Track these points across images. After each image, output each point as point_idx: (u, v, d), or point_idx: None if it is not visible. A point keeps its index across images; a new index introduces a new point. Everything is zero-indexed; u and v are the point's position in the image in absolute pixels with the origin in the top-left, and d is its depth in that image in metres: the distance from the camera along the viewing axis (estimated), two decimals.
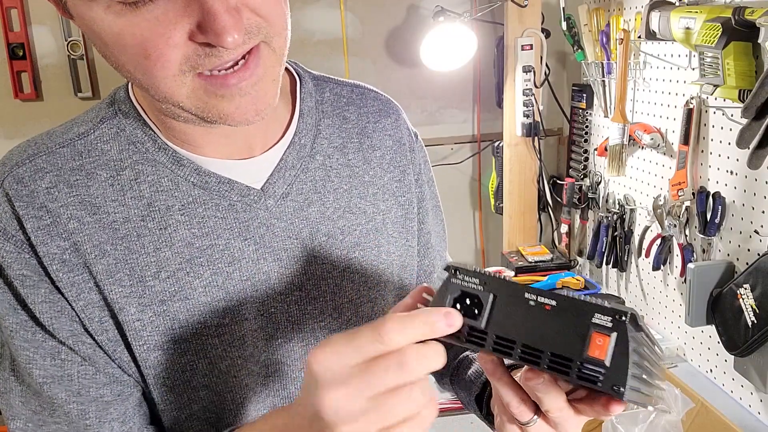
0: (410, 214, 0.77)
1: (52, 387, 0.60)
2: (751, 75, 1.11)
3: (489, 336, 0.47)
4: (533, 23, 1.84)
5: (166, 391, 0.64)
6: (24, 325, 0.60)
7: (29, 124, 1.86)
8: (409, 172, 0.77)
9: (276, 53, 0.57)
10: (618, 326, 0.43)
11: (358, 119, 0.75)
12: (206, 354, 0.64)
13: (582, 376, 0.43)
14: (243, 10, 0.52)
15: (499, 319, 0.47)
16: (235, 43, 0.50)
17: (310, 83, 0.73)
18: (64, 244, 0.59)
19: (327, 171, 0.70)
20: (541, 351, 0.45)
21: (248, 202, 0.64)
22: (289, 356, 0.68)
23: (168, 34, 0.50)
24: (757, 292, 1.13)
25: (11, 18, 1.79)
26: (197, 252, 0.63)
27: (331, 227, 0.69)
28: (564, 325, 0.44)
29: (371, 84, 0.80)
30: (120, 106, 0.64)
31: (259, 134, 0.66)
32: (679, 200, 1.36)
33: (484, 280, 0.48)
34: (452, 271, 0.49)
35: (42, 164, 0.61)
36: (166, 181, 0.63)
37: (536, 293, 0.46)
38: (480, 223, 2.17)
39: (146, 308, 0.61)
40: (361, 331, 0.45)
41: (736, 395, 1.29)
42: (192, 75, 0.53)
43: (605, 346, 0.43)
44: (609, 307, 0.44)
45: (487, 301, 0.47)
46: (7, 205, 0.59)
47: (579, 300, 0.45)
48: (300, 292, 0.67)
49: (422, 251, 0.81)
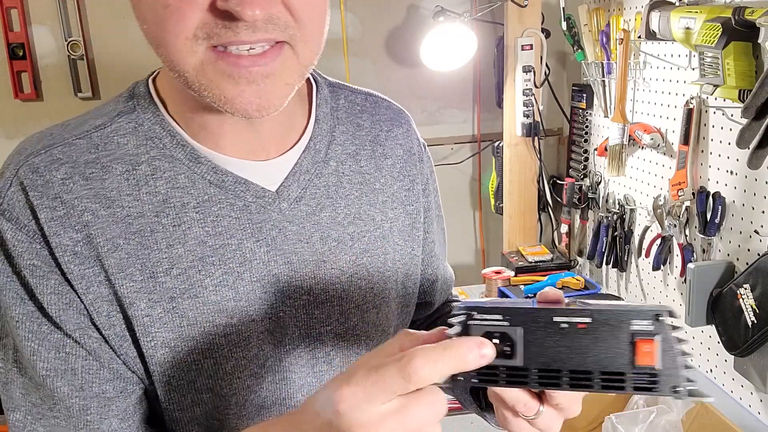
0: (417, 223, 0.78)
1: (55, 380, 0.60)
2: (751, 75, 1.11)
3: (530, 372, 0.44)
4: (533, 23, 1.84)
5: (170, 390, 0.64)
6: (30, 316, 0.59)
7: (29, 124, 1.86)
8: (417, 182, 0.78)
9: (299, 60, 0.57)
10: (660, 328, 0.42)
11: (372, 127, 0.75)
12: (212, 353, 0.63)
13: (638, 386, 0.42)
14: (278, 3, 0.52)
15: (535, 352, 0.44)
16: (254, 18, 0.50)
17: (326, 89, 0.74)
18: (76, 236, 0.59)
19: (340, 177, 0.70)
20: (590, 373, 0.43)
21: (263, 204, 0.64)
22: (297, 362, 0.68)
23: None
24: (757, 292, 1.13)
25: (11, 18, 1.79)
26: (210, 250, 0.63)
27: (341, 233, 0.69)
28: (605, 340, 0.43)
29: (371, 84, 0.81)
30: (139, 100, 0.64)
31: (276, 137, 0.67)
32: (679, 200, 1.36)
33: (507, 314, 0.44)
34: (469, 313, 0.45)
35: (58, 155, 0.61)
36: (183, 178, 0.63)
37: (566, 314, 0.43)
38: (480, 223, 2.17)
39: (156, 304, 0.61)
40: (387, 369, 0.42)
41: (736, 395, 1.29)
42: (205, 46, 0.53)
43: (653, 352, 0.42)
44: (645, 311, 0.42)
45: (517, 336, 0.44)
46: (22, 194, 0.59)
47: (613, 310, 0.43)
48: (308, 296, 0.67)
49: (426, 260, 0.82)
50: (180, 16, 0.51)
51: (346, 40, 1.94)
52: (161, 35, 0.53)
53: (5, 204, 0.59)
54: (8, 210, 0.59)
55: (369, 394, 0.43)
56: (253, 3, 0.50)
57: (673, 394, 0.42)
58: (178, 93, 0.63)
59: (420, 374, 0.42)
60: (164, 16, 0.52)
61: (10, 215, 0.59)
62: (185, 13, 0.51)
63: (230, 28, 0.52)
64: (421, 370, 0.42)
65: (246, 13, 0.50)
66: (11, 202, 0.59)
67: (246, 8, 0.50)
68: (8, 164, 0.62)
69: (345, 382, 0.44)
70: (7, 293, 0.59)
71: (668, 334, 0.42)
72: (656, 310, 0.42)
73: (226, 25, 0.52)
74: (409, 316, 0.81)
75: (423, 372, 0.42)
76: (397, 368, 0.42)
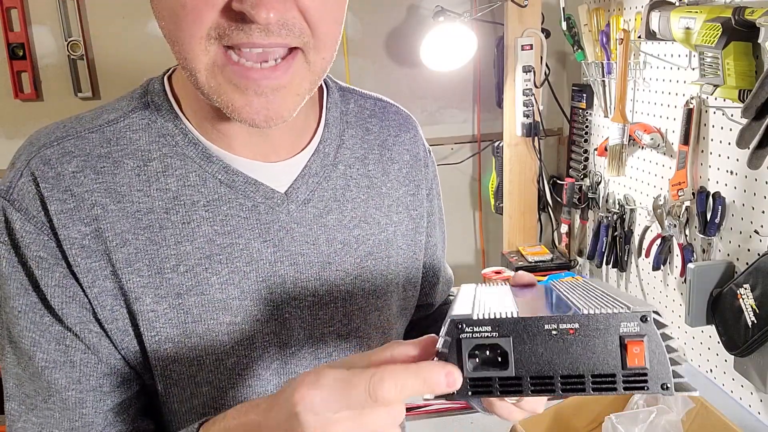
0: (420, 228, 0.78)
1: (53, 372, 0.60)
2: (751, 75, 1.11)
3: (524, 381, 0.44)
4: (533, 23, 1.84)
5: (170, 384, 0.64)
6: (33, 307, 0.60)
7: (29, 124, 1.86)
8: (422, 187, 0.79)
9: (311, 70, 0.58)
10: (646, 328, 0.43)
11: (380, 132, 0.76)
12: (214, 350, 0.64)
13: (628, 387, 0.43)
14: (292, 5, 0.52)
15: (527, 360, 0.44)
16: (267, 21, 0.50)
17: (336, 93, 0.74)
18: (85, 229, 0.59)
19: (347, 180, 0.71)
20: (582, 377, 0.44)
21: (271, 205, 0.65)
22: (300, 363, 0.68)
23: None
24: (757, 292, 1.13)
25: (11, 18, 1.79)
26: (217, 249, 0.63)
27: (347, 235, 0.70)
28: (594, 344, 0.44)
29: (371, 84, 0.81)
30: (153, 97, 0.65)
31: (288, 140, 0.67)
32: (679, 200, 1.36)
33: (496, 324, 0.44)
34: (458, 327, 0.45)
35: (70, 148, 0.61)
36: (194, 176, 0.63)
37: (555, 321, 0.44)
38: (480, 223, 2.17)
39: (162, 300, 0.61)
40: (356, 384, 0.43)
41: (736, 395, 1.29)
42: (217, 46, 0.53)
43: (642, 353, 0.43)
44: (632, 313, 0.43)
45: (508, 346, 0.44)
46: (32, 185, 0.59)
47: (600, 314, 0.44)
48: (313, 297, 0.68)
49: (428, 263, 0.83)
50: (196, 16, 0.52)
51: (346, 40, 1.94)
52: (177, 34, 0.54)
53: (15, 194, 0.59)
54: (18, 200, 0.59)
55: (329, 402, 0.43)
56: (267, 5, 0.50)
57: (663, 391, 0.43)
58: (193, 92, 0.63)
59: (386, 396, 0.42)
60: (181, 16, 0.52)
61: (20, 205, 0.59)
62: (201, 13, 0.52)
63: (243, 30, 0.52)
64: (388, 393, 0.42)
65: (260, 16, 0.50)
66: (21, 192, 0.59)
67: (260, 11, 0.50)
68: (20, 155, 0.62)
69: (310, 383, 0.44)
70: (12, 283, 0.60)
71: (655, 333, 0.43)
72: (643, 312, 0.43)
73: (240, 26, 0.52)
74: (408, 318, 0.81)
75: (390, 394, 0.42)
76: (364, 386, 0.42)
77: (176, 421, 0.66)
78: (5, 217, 0.59)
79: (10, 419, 0.62)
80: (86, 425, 0.62)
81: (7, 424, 0.63)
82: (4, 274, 0.60)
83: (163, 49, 2.11)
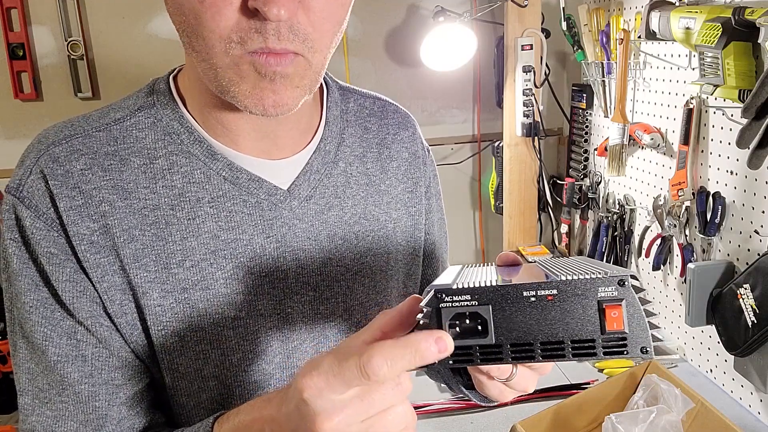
0: (419, 224, 0.80)
1: (66, 366, 0.61)
2: (751, 75, 1.11)
3: (504, 348, 0.45)
4: (533, 23, 1.84)
5: (178, 378, 0.65)
6: (45, 302, 0.61)
7: (29, 124, 1.86)
8: (420, 185, 0.80)
9: (312, 68, 0.59)
10: (624, 293, 0.43)
11: (379, 130, 0.78)
12: (220, 345, 0.65)
13: (608, 351, 0.44)
14: (299, 7, 0.54)
15: (506, 327, 0.44)
16: (278, 18, 0.52)
17: (337, 93, 0.76)
18: (93, 225, 0.61)
19: (347, 177, 0.72)
20: (561, 342, 0.44)
21: (274, 202, 0.66)
22: (303, 358, 0.69)
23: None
24: (757, 292, 1.13)
25: (11, 18, 1.78)
26: (222, 244, 0.64)
27: (348, 231, 0.71)
28: (573, 309, 0.44)
29: (371, 84, 0.82)
30: (159, 96, 0.66)
31: (291, 138, 0.68)
32: (679, 200, 1.36)
33: (475, 293, 0.45)
34: (438, 296, 0.45)
35: (78, 146, 0.62)
36: (199, 174, 0.64)
37: (533, 288, 0.44)
38: (480, 223, 2.17)
39: (168, 294, 0.63)
40: (348, 365, 0.43)
41: (736, 395, 1.29)
42: (241, 52, 0.55)
43: (620, 317, 0.43)
44: (609, 277, 0.43)
45: (487, 314, 0.44)
46: (42, 182, 0.61)
47: (578, 280, 0.44)
48: (314, 292, 0.69)
49: (426, 260, 0.84)
50: (215, 11, 0.53)
51: (346, 40, 1.94)
52: (198, 29, 0.55)
53: (25, 191, 0.61)
54: (28, 198, 0.60)
55: (330, 384, 0.44)
56: (278, 2, 0.52)
57: (643, 354, 0.43)
58: (198, 90, 0.64)
59: (378, 373, 0.42)
60: (200, 10, 0.54)
61: (30, 203, 0.60)
62: (220, 8, 0.53)
63: (260, 32, 0.54)
64: (379, 369, 0.42)
65: (272, 12, 0.52)
66: (31, 189, 0.60)
67: (272, 7, 0.51)
68: (29, 153, 0.63)
69: (311, 369, 0.45)
70: (23, 279, 0.61)
71: (633, 297, 0.43)
72: (621, 276, 0.43)
73: (257, 28, 0.54)
74: None
75: (381, 371, 0.42)
76: (356, 365, 0.43)
77: (185, 416, 0.67)
78: (16, 214, 0.61)
79: (24, 413, 0.63)
80: (100, 417, 0.63)
81: (21, 418, 0.63)
82: (16, 271, 0.61)
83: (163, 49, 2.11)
